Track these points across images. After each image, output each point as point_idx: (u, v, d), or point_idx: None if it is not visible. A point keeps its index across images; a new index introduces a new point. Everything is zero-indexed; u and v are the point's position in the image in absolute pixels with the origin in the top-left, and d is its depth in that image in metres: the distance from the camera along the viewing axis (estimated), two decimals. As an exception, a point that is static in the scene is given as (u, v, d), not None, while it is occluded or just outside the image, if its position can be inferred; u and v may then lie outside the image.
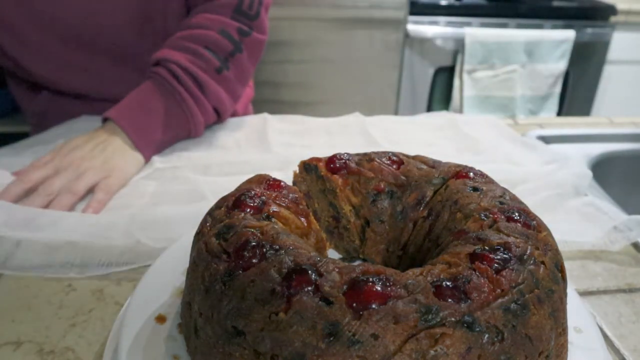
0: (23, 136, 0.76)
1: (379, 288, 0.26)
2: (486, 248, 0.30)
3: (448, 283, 0.27)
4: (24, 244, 0.48)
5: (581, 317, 0.36)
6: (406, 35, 1.66)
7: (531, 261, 0.29)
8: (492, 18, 1.72)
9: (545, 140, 0.79)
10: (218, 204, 0.35)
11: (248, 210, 0.33)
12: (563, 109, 1.88)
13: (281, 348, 0.25)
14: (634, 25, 1.80)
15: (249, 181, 0.38)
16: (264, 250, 0.29)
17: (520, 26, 1.73)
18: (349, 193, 0.41)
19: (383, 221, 0.41)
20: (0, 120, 1.46)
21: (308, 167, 0.42)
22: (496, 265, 0.28)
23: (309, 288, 0.26)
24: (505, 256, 0.29)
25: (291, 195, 0.36)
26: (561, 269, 0.31)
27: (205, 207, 0.54)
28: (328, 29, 1.62)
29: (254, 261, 0.28)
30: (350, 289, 0.26)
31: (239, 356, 0.27)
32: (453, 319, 0.25)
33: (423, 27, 1.67)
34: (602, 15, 1.77)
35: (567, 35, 1.70)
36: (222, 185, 0.57)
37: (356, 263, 0.29)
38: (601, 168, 0.76)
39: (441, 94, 1.80)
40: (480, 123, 0.83)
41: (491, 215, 0.33)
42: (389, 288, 0.26)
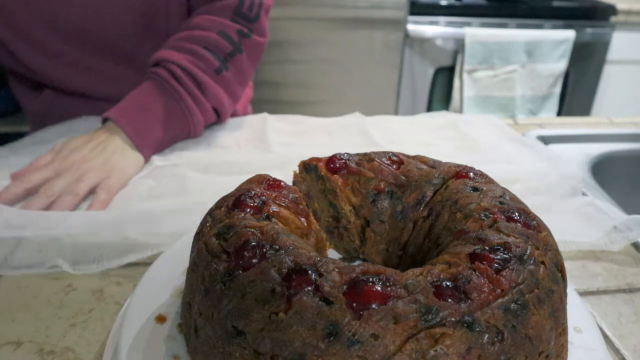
0: (23, 136, 0.76)
1: (379, 288, 0.26)
2: (486, 248, 0.30)
3: (448, 283, 0.27)
4: (23, 244, 0.48)
5: (581, 317, 0.36)
6: (406, 35, 1.66)
7: (531, 261, 0.29)
8: (492, 18, 1.72)
9: (545, 140, 0.79)
10: (218, 204, 0.35)
11: (248, 210, 0.33)
12: (563, 109, 1.88)
13: (281, 348, 0.25)
14: (634, 25, 1.80)
15: (249, 181, 0.38)
16: (264, 250, 0.29)
17: (520, 26, 1.73)
18: (349, 193, 0.41)
19: (383, 221, 0.41)
20: (0, 120, 1.46)
21: (308, 167, 0.42)
22: (496, 265, 0.28)
23: (309, 288, 0.26)
24: (505, 256, 0.29)
25: (291, 195, 0.36)
26: (561, 269, 0.31)
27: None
28: (328, 29, 1.62)
29: (254, 261, 0.28)
30: (350, 289, 0.26)
31: (239, 356, 0.27)
32: (453, 319, 0.25)
33: (423, 27, 1.67)
34: (602, 15, 1.77)
35: (567, 35, 1.70)
36: (222, 185, 0.57)
37: (356, 263, 0.29)
38: (601, 168, 0.75)
39: (441, 94, 1.80)
40: (480, 123, 0.83)
41: (491, 215, 0.33)
42: (389, 288, 0.26)
